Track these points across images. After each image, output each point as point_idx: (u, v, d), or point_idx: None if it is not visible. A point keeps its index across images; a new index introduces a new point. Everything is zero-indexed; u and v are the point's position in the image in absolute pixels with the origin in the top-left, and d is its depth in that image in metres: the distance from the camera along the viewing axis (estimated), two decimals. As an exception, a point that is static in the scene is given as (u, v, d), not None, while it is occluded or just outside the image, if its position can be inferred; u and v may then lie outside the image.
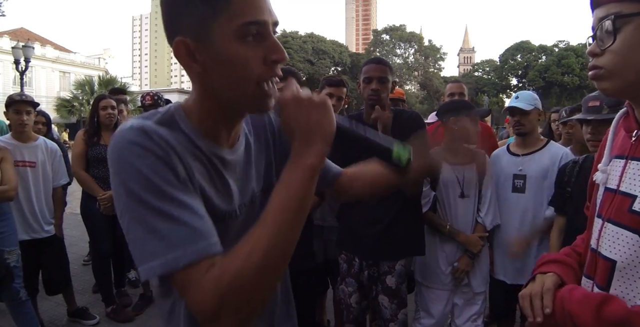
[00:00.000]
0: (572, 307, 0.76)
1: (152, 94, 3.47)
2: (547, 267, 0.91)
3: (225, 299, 0.55)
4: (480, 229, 2.10)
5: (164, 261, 0.57)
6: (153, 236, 0.58)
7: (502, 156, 2.28)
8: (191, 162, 0.67)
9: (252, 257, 0.56)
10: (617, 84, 0.77)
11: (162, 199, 0.59)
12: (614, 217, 0.80)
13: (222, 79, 0.66)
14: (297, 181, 0.61)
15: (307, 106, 0.64)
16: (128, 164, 0.60)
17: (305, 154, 0.62)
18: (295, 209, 0.60)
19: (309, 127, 0.63)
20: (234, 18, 0.62)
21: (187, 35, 0.64)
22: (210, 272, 0.57)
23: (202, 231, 0.59)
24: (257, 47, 0.64)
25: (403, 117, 1.94)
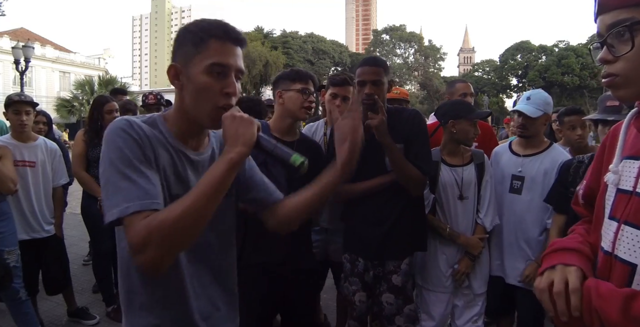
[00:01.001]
0: (598, 303, 0.72)
1: (154, 93, 3.50)
2: (566, 257, 0.84)
3: (149, 237, 0.78)
4: (480, 230, 2.08)
5: (120, 208, 0.82)
6: (117, 192, 0.84)
7: (503, 154, 2.24)
8: (160, 151, 0.94)
9: (173, 213, 0.80)
10: (634, 91, 0.76)
11: (129, 167, 0.86)
12: (633, 220, 0.77)
13: (191, 98, 0.94)
14: (219, 168, 0.85)
15: (237, 120, 0.90)
16: (112, 141, 0.88)
17: (229, 152, 0.87)
18: (213, 188, 0.83)
19: (236, 135, 0.88)
20: (207, 58, 0.91)
21: (178, 62, 0.95)
22: (146, 219, 0.80)
23: (150, 192, 0.85)
24: (218, 81, 0.92)
25: (403, 116, 1.93)
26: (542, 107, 2.06)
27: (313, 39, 50.56)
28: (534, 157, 2.13)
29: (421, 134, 1.89)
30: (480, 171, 2.10)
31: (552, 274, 0.82)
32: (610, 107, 1.65)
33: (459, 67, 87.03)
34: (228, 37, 0.93)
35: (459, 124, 2.03)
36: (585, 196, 0.99)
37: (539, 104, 2.05)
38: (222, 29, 0.93)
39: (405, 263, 1.94)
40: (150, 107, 3.47)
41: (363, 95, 1.81)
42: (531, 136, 2.13)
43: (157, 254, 0.79)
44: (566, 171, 1.91)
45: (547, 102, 2.09)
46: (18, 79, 14.68)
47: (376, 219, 1.90)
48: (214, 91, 0.92)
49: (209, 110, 0.93)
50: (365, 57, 2.01)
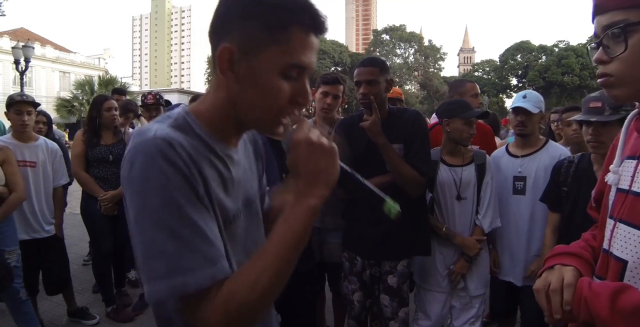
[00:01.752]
0: (589, 296, 0.74)
1: (154, 93, 3.45)
2: (565, 260, 0.88)
3: (230, 321, 0.61)
4: (478, 231, 2.07)
5: (171, 284, 0.60)
6: (162, 256, 0.60)
7: (501, 158, 2.25)
8: (207, 171, 0.69)
9: (257, 287, 0.62)
10: (628, 91, 0.78)
11: (179, 219, 0.61)
12: (626, 218, 0.79)
13: (250, 99, 0.70)
14: (299, 219, 0.66)
15: (318, 151, 0.67)
16: (152, 176, 0.61)
17: (309, 195, 0.67)
18: (295, 244, 0.65)
19: (316, 171, 0.67)
20: (286, 54, 0.66)
21: (234, 44, 0.67)
22: (219, 296, 0.62)
23: (212, 256, 0.63)
24: (291, 86, 0.69)
25: (404, 117, 1.93)
26: (538, 105, 2.11)
27: (313, 39, 50.52)
28: (532, 156, 2.14)
29: (420, 135, 1.89)
30: (480, 171, 2.09)
31: (550, 274, 0.85)
32: (593, 108, 1.67)
33: (459, 67, 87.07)
34: (317, 28, 0.69)
35: (453, 122, 2.03)
36: (596, 199, 1.01)
37: (535, 102, 2.11)
38: (311, 13, 0.67)
39: (402, 264, 1.94)
40: (149, 107, 3.40)
41: (359, 95, 1.84)
42: (530, 134, 2.15)
43: None
44: (558, 170, 1.93)
45: (542, 100, 2.16)
46: (18, 79, 14.68)
47: (374, 219, 1.90)
48: (284, 97, 0.69)
49: (271, 118, 0.71)
50: (363, 59, 2.02)
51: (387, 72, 1.89)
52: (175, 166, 0.63)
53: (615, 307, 0.70)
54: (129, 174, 0.63)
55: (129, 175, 0.63)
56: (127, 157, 0.64)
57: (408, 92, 53.07)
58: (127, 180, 0.64)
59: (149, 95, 3.45)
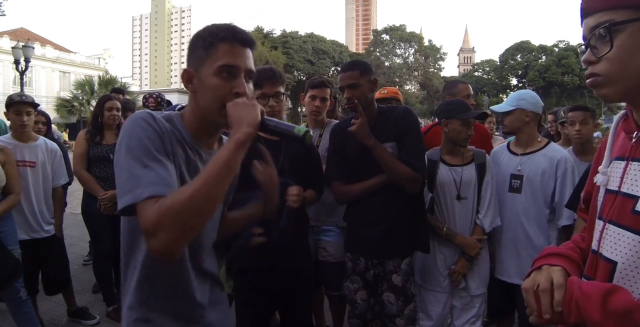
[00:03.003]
0: (580, 297, 0.74)
1: (155, 95, 3.39)
2: (552, 260, 0.88)
3: (159, 220, 0.79)
4: (479, 231, 2.07)
5: (133, 194, 0.83)
6: (132, 178, 0.84)
7: (501, 154, 2.26)
8: (176, 148, 0.97)
9: (182, 195, 0.80)
10: (616, 90, 0.78)
11: (147, 156, 0.87)
12: (616, 219, 0.80)
13: (203, 99, 0.98)
14: (227, 149, 0.86)
15: (241, 105, 0.92)
16: (133, 129, 0.90)
17: (236, 132, 0.88)
18: (222, 169, 0.83)
19: (240, 117, 0.90)
20: (217, 60, 0.95)
21: (191, 67, 0.99)
22: (157, 203, 0.81)
23: (164, 179, 0.86)
24: (228, 82, 0.95)
25: (393, 115, 1.94)
26: (514, 103, 2.12)
27: (313, 39, 50.57)
28: (532, 155, 2.13)
29: (412, 131, 1.90)
30: (481, 171, 2.09)
31: (538, 274, 0.85)
32: None
33: (459, 67, 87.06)
34: (236, 39, 0.96)
35: (451, 123, 2.04)
36: (585, 200, 1.01)
37: (510, 101, 2.14)
38: (230, 31, 0.96)
39: (406, 263, 1.95)
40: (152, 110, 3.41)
41: (344, 100, 1.89)
42: (511, 131, 2.17)
43: (169, 238, 0.79)
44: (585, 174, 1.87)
45: (521, 97, 2.15)
46: (18, 79, 14.68)
47: (375, 219, 1.91)
48: (224, 91, 0.94)
49: (218, 109, 0.95)
50: (343, 64, 2.06)
51: (369, 73, 1.90)
52: (151, 125, 0.91)
53: (606, 308, 0.70)
54: (121, 131, 0.92)
55: (121, 134, 0.92)
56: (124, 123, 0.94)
57: (408, 92, 53.08)
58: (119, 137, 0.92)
59: (150, 99, 3.39)
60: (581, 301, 0.73)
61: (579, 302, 0.74)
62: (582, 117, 2.41)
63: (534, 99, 2.16)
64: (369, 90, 1.89)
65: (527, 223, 2.10)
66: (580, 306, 0.73)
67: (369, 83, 1.89)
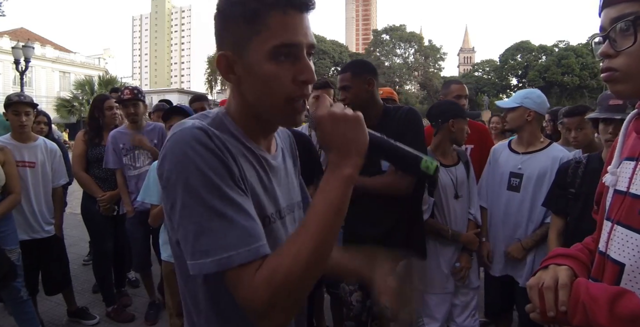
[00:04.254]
0: (586, 299, 0.73)
1: (131, 87, 3.03)
2: (560, 261, 0.87)
3: (276, 297, 0.61)
4: (473, 225, 2.14)
5: (217, 259, 0.61)
6: (206, 234, 0.62)
7: (502, 152, 2.25)
8: (243, 164, 0.72)
9: (300, 257, 0.61)
10: (633, 87, 0.75)
11: (220, 199, 0.63)
12: (624, 220, 0.78)
13: (253, 93, 0.73)
14: (336, 189, 0.67)
15: (342, 122, 0.69)
16: (190, 160, 0.64)
17: (343, 166, 0.68)
18: (335, 215, 0.66)
19: (346, 142, 0.68)
20: (269, 39, 0.68)
21: (229, 49, 0.71)
22: (261, 271, 0.62)
23: (254, 233, 0.64)
24: (289, 67, 0.70)
25: (397, 114, 1.92)
26: (519, 100, 2.11)
27: (313, 39, 50.51)
28: (533, 155, 2.13)
29: (411, 130, 1.87)
30: (467, 168, 2.17)
31: (544, 273, 0.84)
32: (614, 105, 1.63)
33: (459, 67, 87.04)
34: (292, 3, 0.69)
35: (458, 123, 2.04)
36: (597, 201, 0.99)
37: (515, 98, 2.13)
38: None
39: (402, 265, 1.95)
40: (126, 103, 2.90)
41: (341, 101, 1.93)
42: (512, 129, 2.17)
43: (286, 315, 0.64)
44: (564, 172, 1.89)
45: (526, 96, 2.12)
46: (18, 79, 14.68)
47: (374, 220, 1.90)
48: (285, 82, 0.70)
49: (281, 105, 0.72)
50: None
51: (364, 73, 1.87)
52: (210, 149, 0.66)
53: (613, 313, 0.68)
54: (162, 165, 0.67)
55: (163, 166, 0.66)
56: (164, 147, 0.68)
57: (408, 92, 53.11)
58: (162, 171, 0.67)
59: (125, 90, 2.97)
60: (588, 304, 0.71)
61: (585, 305, 0.72)
62: (578, 123, 2.35)
63: (540, 99, 2.14)
64: (363, 90, 1.87)
65: (524, 221, 2.10)
66: (587, 309, 0.72)
67: (364, 83, 1.87)
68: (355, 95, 1.87)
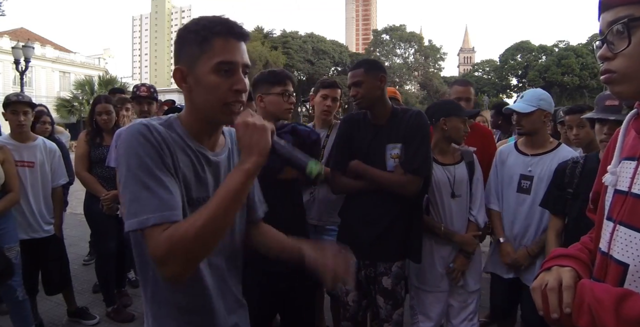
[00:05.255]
0: (591, 302, 0.72)
1: (148, 85, 3.14)
2: (562, 262, 0.86)
3: (171, 249, 0.80)
4: (474, 227, 2.10)
5: (139, 219, 0.82)
6: (136, 201, 0.83)
7: (509, 154, 2.22)
8: (179, 155, 0.93)
9: (193, 226, 0.80)
10: (631, 87, 0.76)
11: (148, 176, 0.85)
12: (627, 220, 0.78)
13: (201, 98, 0.93)
14: (235, 179, 0.85)
15: (250, 128, 0.88)
16: (131, 146, 0.87)
17: (245, 162, 0.86)
18: (230, 200, 0.83)
19: (250, 144, 0.87)
20: (213, 57, 0.90)
21: (183, 64, 0.93)
22: (167, 231, 0.81)
23: (169, 204, 0.85)
24: (227, 79, 0.91)
25: (405, 117, 1.92)
26: (535, 103, 2.06)
27: (313, 39, 50.49)
28: (543, 156, 2.10)
29: (419, 135, 1.88)
30: (470, 169, 2.13)
31: (547, 275, 0.84)
32: (610, 106, 1.63)
33: (459, 67, 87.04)
34: (231, 34, 0.91)
35: (450, 121, 2.04)
36: (593, 200, 0.99)
37: (530, 100, 2.07)
38: (224, 25, 0.91)
39: (397, 265, 1.94)
40: (141, 100, 3.06)
41: (351, 98, 1.94)
42: (532, 133, 2.11)
43: (179, 266, 0.81)
44: (562, 172, 1.88)
45: (541, 97, 2.09)
46: (18, 79, 14.67)
47: (371, 219, 1.89)
48: (223, 89, 0.91)
49: (220, 107, 0.92)
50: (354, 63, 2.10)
51: (375, 70, 1.90)
52: (148, 139, 0.87)
53: (620, 315, 0.68)
54: (119, 148, 0.89)
55: (118, 150, 0.89)
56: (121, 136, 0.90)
57: (408, 92, 53.04)
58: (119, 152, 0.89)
59: (142, 87, 3.09)
60: (594, 306, 0.71)
61: (591, 307, 0.72)
62: (578, 121, 2.33)
63: (550, 98, 2.13)
64: (375, 87, 1.88)
65: (534, 223, 2.08)
66: (593, 311, 0.71)
67: (376, 80, 1.89)
68: (368, 91, 1.88)
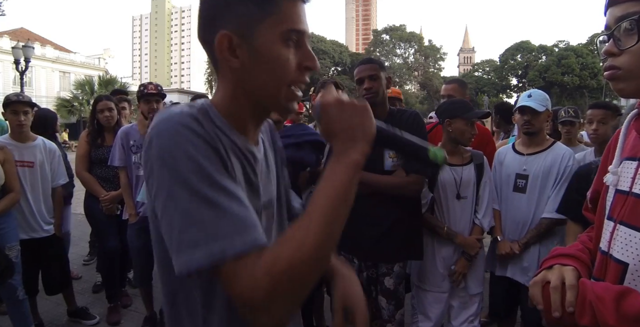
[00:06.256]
0: (593, 299, 0.73)
1: (155, 84, 2.97)
2: (564, 261, 0.86)
3: (277, 286, 0.54)
4: (478, 230, 2.09)
5: (208, 251, 0.54)
6: (197, 224, 0.56)
7: (506, 154, 2.25)
8: (231, 156, 0.67)
9: (305, 245, 0.56)
10: (635, 85, 0.76)
11: (211, 186, 0.58)
12: (627, 220, 0.78)
13: (260, 77, 0.68)
14: (342, 175, 0.62)
15: (349, 109, 0.66)
16: (178, 145, 0.59)
17: (349, 152, 0.64)
18: (341, 202, 0.61)
19: (352, 128, 0.65)
20: (281, 23, 0.66)
21: (232, 29, 0.66)
22: (262, 261, 0.55)
23: (250, 222, 0.59)
24: (297, 52, 0.69)
25: (403, 117, 1.94)
26: (544, 103, 2.11)
27: (313, 39, 50.45)
28: (537, 155, 2.13)
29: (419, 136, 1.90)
30: (479, 171, 2.11)
31: (549, 273, 0.83)
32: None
33: (459, 67, 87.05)
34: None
35: (455, 123, 2.04)
36: (592, 199, 0.99)
37: (541, 100, 2.11)
38: None
39: (399, 265, 1.94)
40: (149, 99, 2.80)
41: (363, 91, 1.90)
42: (536, 132, 2.14)
43: (286, 309, 0.57)
44: (585, 177, 1.78)
45: (547, 98, 2.16)
46: (18, 79, 14.66)
47: (373, 220, 1.89)
48: (293, 65, 0.68)
49: (285, 89, 0.69)
50: (361, 60, 2.11)
51: (385, 70, 1.97)
52: (200, 135, 0.61)
53: (620, 312, 0.68)
54: (148, 151, 0.61)
55: (149, 152, 0.60)
56: (149, 132, 0.62)
57: (408, 92, 53.06)
58: (147, 157, 0.61)
59: (149, 85, 2.88)
60: (595, 304, 0.72)
61: (593, 305, 0.72)
62: (602, 116, 2.33)
63: (549, 98, 2.20)
64: (385, 86, 1.93)
65: (530, 222, 2.10)
66: (594, 309, 0.71)
67: (385, 79, 1.94)
68: (380, 87, 1.91)
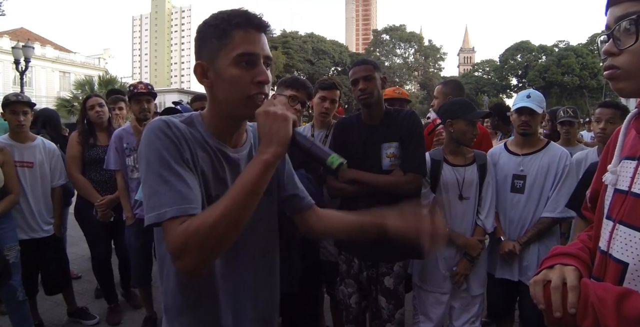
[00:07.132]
0: (594, 301, 0.72)
1: (145, 83, 2.92)
2: (564, 260, 0.86)
3: (186, 243, 0.78)
4: (480, 232, 2.08)
5: (157, 213, 0.82)
6: (155, 195, 0.83)
7: (500, 155, 2.25)
8: (198, 152, 0.92)
9: (209, 218, 0.78)
10: (635, 85, 0.76)
11: (167, 170, 0.84)
12: (627, 219, 0.78)
13: (223, 93, 0.92)
14: (254, 170, 0.81)
15: (271, 117, 0.84)
16: (150, 142, 0.87)
17: (264, 152, 0.83)
18: (249, 191, 0.80)
19: (270, 133, 0.84)
20: (233, 50, 0.88)
21: (204, 59, 0.92)
22: (183, 224, 0.80)
23: (187, 197, 0.83)
24: (248, 71, 0.89)
25: (399, 117, 1.95)
26: (542, 104, 2.12)
27: (313, 39, 50.48)
28: (534, 155, 2.14)
29: (415, 135, 1.92)
30: (482, 172, 2.11)
31: (550, 272, 0.83)
32: None
33: (459, 67, 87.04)
34: (251, 25, 0.90)
35: (456, 123, 2.04)
36: (591, 198, 0.99)
37: (539, 101, 2.12)
38: (243, 17, 0.89)
39: (399, 265, 1.94)
40: (139, 98, 2.77)
41: (358, 92, 1.92)
42: (533, 133, 2.15)
43: (194, 260, 0.79)
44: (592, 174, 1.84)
45: (543, 100, 2.17)
46: (18, 79, 14.66)
47: None
48: (245, 82, 0.89)
49: (243, 101, 0.90)
50: (355, 61, 2.11)
51: (379, 70, 1.99)
52: (167, 135, 0.87)
53: (621, 314, 0.68)
54: (140, 145, 0.90)
55: (139, 146, 0.90)
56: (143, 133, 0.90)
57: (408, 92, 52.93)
58: (139, 149, 0.90)
59: (139, 85, 2.83)
60: (596, 305, 0.71)
61: (595, 307, 0.72)
62: (610, 115, 2.33)
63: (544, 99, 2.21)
64: (380, 86, 1.94)
65: (529, 223, 2.10)
66: (596, 311, 0.71)
67: (380, 79, 1.95)
68: (375, 88, 1.92)
